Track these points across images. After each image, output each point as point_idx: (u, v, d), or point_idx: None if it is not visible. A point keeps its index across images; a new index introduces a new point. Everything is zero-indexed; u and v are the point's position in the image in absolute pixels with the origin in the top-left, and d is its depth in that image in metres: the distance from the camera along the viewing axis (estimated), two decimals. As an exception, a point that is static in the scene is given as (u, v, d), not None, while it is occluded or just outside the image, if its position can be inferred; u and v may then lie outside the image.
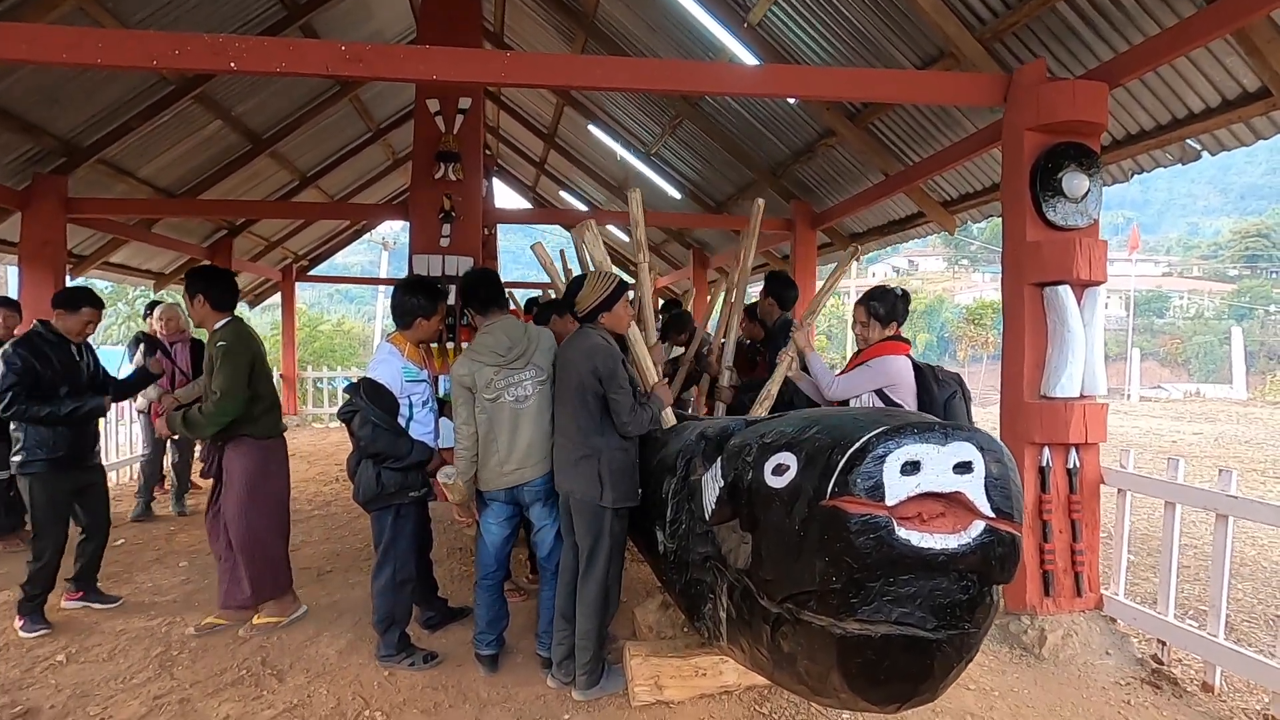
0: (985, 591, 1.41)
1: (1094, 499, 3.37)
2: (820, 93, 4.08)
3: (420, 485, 3.06)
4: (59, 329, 3.45)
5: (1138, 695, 2.85)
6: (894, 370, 3.01)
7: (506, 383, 2.86)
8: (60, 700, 2.76)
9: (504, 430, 2.85)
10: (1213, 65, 3.42)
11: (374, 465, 2.94)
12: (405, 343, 3.07)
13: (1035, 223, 3.33)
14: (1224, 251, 48.05)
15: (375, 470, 2.94)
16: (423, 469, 3.05)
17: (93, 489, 3.57)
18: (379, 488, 2.95)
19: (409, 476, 2.99)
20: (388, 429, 2.92)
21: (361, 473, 2.97)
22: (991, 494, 1.36)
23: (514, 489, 2.91)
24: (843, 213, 6.31)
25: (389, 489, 2.96)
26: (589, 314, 2.79)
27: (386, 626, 3.03)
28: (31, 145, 5.33)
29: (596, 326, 2.80)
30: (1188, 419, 13.16)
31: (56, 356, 3.39)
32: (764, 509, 1.64)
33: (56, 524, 3.39)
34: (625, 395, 2.66)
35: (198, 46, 2.93)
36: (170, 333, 5.34)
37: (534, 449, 2.86)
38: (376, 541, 3.06)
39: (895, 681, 1.43)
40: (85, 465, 3.50)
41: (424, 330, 3.10)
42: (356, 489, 3.01)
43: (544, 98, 9.07)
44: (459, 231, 5.65)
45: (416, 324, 3.07)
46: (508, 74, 3.24)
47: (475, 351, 2.91)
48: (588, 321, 2.81)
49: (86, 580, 3.66)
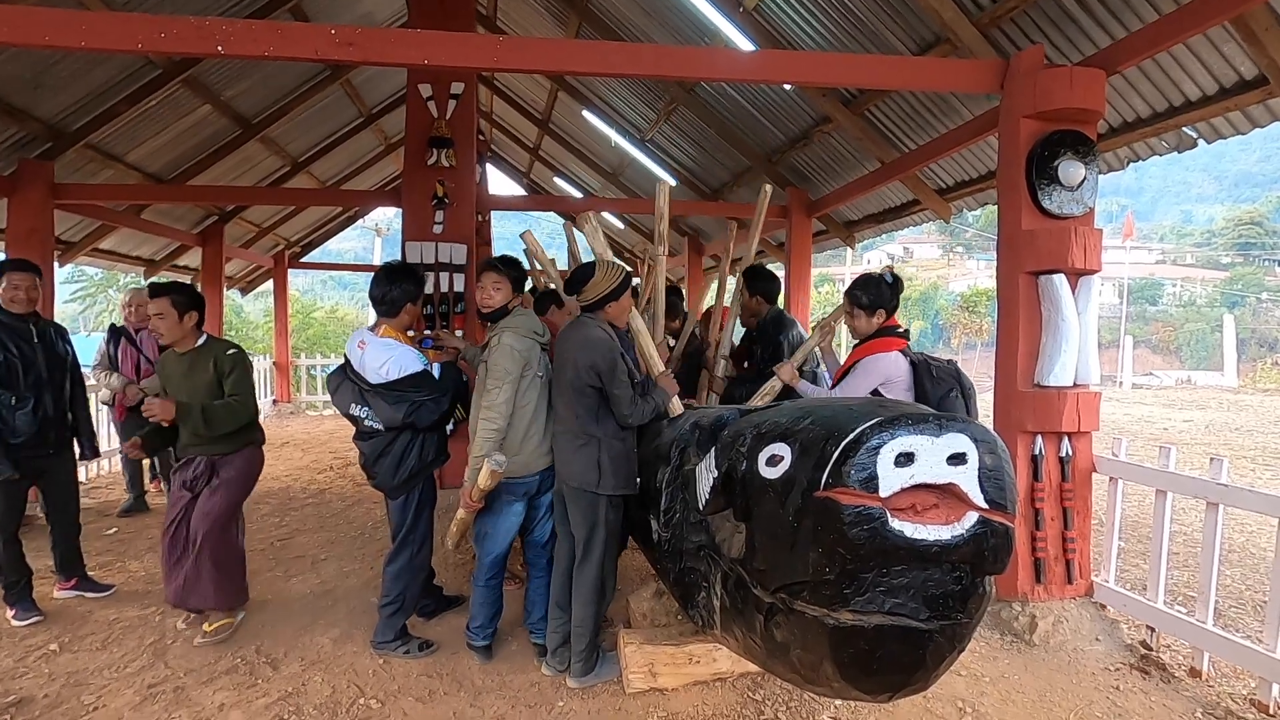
0: (978, 582, 1.41)
1: (1086, 487, 3.39)
2: (816, 79, 4.05)
3: (441, 453, 3.08)
4: (1, 305, 3.29)
5: (1126, 680, 2.89)
6: (884, 368, 2.92)
7: (546, 362, 2.93)
8: (54, 689, 2.75)
9: (545, 410, 2.89)
10: (1211, 53, 3.40)
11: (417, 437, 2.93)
12: (397, 333, 3.01)
13: (1031, 211, 3.32)
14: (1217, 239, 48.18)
15: (414, 444, 2.92)
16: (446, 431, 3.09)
17: (52, 476, 3.45)
18: (420, 462, 2.94)
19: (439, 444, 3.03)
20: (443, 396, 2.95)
21: (391, 455, 2.92)
22: (985, 485, 1.36)
23: (541, 474, 2.90)
24: (838, 200, 6.28)
25: (427, 460, 2.96)
26: (595, 303, 2.76)
27: (393, 611, 3.01)
28: (16, 130, 5.24)
29: (597, 317, 2.78)
30: (1179, 406, 13.24)
31: (13, 341, 3.26)
32: (758, 499, 1.64)
33: (3, 509, 3.28)
34: (625, 389, 2.65)
35: (184, 29, 2.88)
36: (139, 319, 4.95)
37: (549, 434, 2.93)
38: (397, 526, 3.02)
39: (888, 672, 1.44)
40: (42, 454, 3.34)
41: (411, 316, 3.06)
42: (388, 473, 2.93)
43: (538, 83, 8.99)
44: (452, 218, 5.60)
45: (405, 310, 3.01)
46: (501, 59, 3.19)
47: (526, 331, 2.89)
48: (591, 311, 2.79)
49: (74, 568, 3.62)
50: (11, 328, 3.29)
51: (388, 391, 2.87)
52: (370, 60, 3.13)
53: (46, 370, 3.35)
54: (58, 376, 3.42)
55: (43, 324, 3.44)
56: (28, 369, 3.28)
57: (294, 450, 7.99)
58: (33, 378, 3.30)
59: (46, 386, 3.34)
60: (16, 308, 3.31)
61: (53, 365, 3.39)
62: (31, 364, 3.30)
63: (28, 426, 3.25)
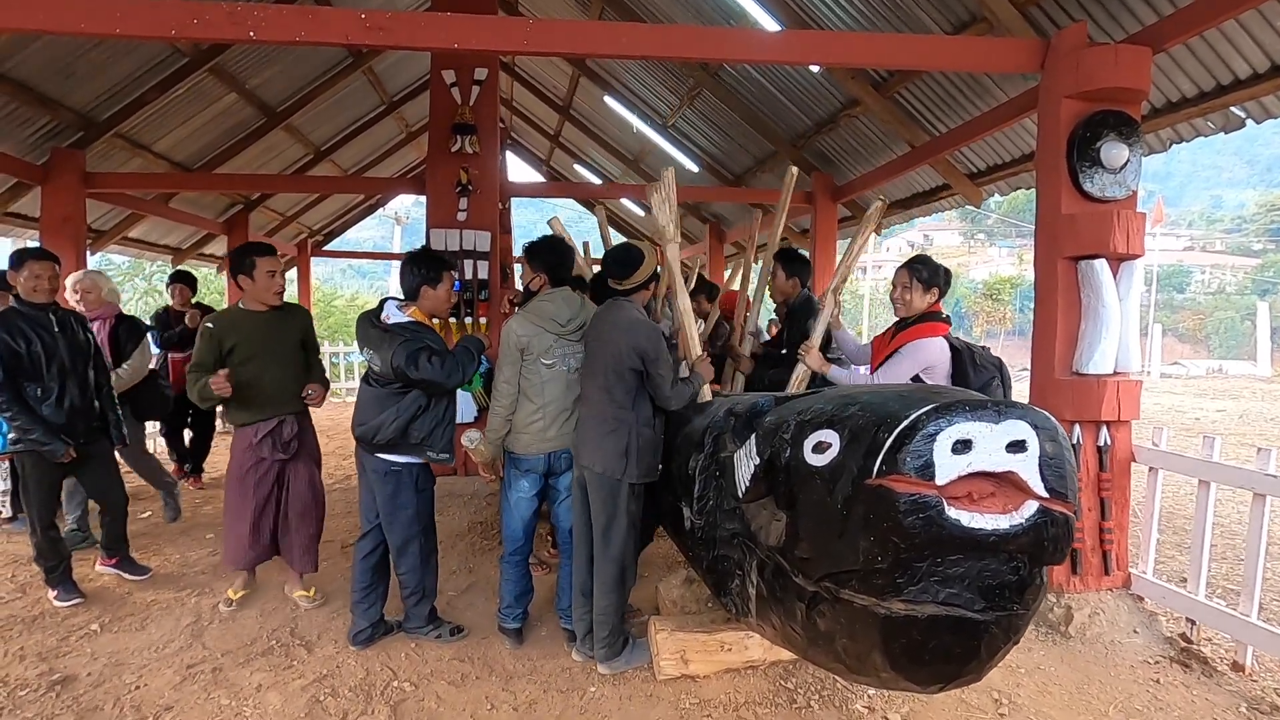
0: (1035, 573, 1.38)
1: (1124, 477, 3.32)
2: (845, 60, 3.97)
3: (443, 447, 2.92)
4: (22, 296, 3.26)
5: (1166, 674, 2.83)
6: (930, 354, 2.86)
7: (564, 352, 2.88)
8: (96, 668, 2.81)
9: (557, 398, 2.88)
10: (1263, 28, 3.28)
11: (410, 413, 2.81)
12: (423, 316, 2.96)
13: (1071, 194, 3.23)
14: (1249, 225, 46.90)
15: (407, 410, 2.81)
16: (451, 424, 2.95)
17: (88, 466, 3.44)
18: (404, 435, 2.82)
19: (435, 432, 2.88)
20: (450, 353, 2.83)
21: (387, 416, 2.82)
22: (1046, 474, 1.32)
23: (550, 455, 2.91)
24: (865, 185, 6.18)
25: (413, 438, 2.84)
26: (636, 287, 2.77)
27: (418, 599, 3.02)
28: (49, 119, 5.30)
29: (633, 300, 2.78)
30: (1210, 396, 12.98)
31: (35, 331, 3.21)
32: (803, 487, 1.61)
33: (41, 499, 3.31)
34: (669, 371, 2.64)
35: (217, 15, 2.87)
36: (90, 306, 4.24)
37: (571, 418, 2.90)
38: (388, 517, 2.92)
39: (940, 662, 1.41)
40: (79, 442, 3.32)
41: (433, 301, 2.97)
42: (374, 431, 2.83)
43: (559, 69, 8.92)
44: (476, 205, 5.58)
45: (423, 293, 2.94)
46: (529, 42, 3.16)
47: (536, 316, 2.88)
48: (628, 294, 2.78)
49: (117, 548, 3.68)
50: (33, 318, 3.25)
51: (400, 331, 2.83)
52: (400, 44, 3.12)
53: (69, 360, 3.31)
54: (80, 366, 3.37)
55: (62, 313, 3.38)
56: (50, 359, 3.25)
57: (319, 437, 8.06)
58: (55, 368, 3.26)
59: (70, 376, 3.30)
60: (39, 297, 3.26)
61: (75, 355, 3.34)
62: (54, 354, 3.27)
63: (55, 417, 3.24)
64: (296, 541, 3.34)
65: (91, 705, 2.56)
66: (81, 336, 3.43)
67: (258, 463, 3.24)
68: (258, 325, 3.21)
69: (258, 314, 3.23)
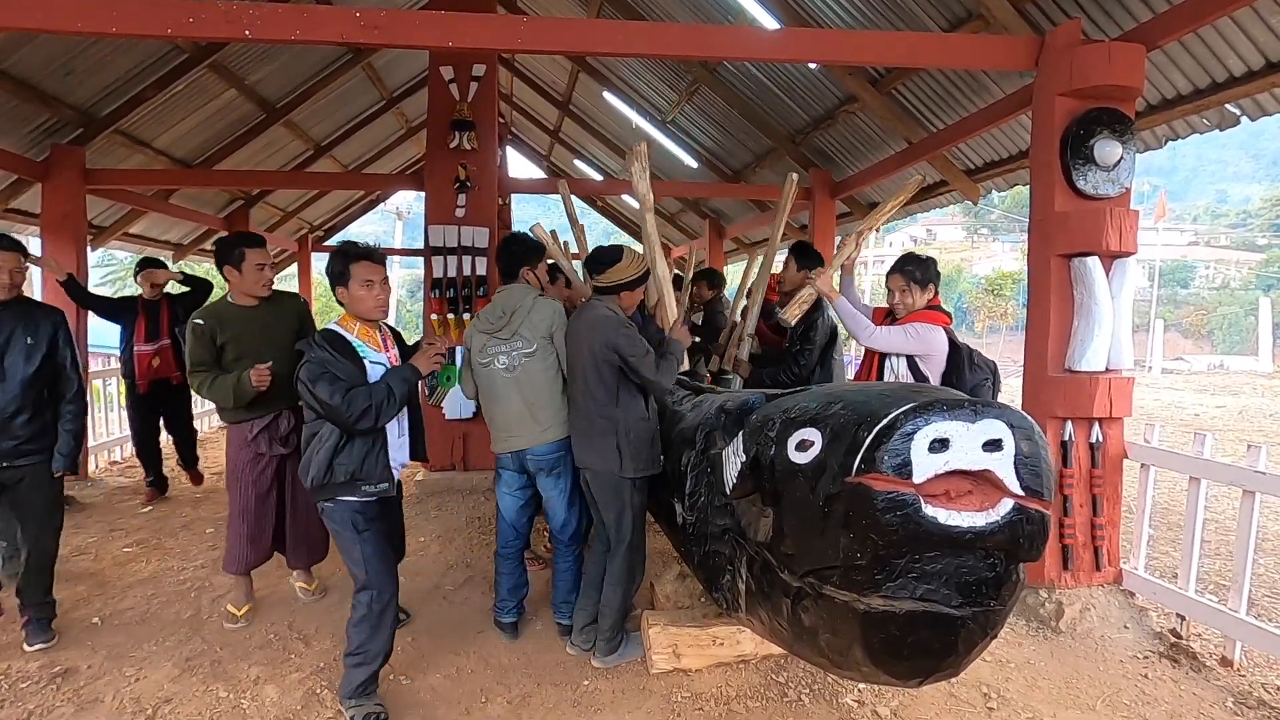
0: (1011, 569, 1.40)
1: (1116, 474, 3.34)
2: (843, 57, 3.96)
3: (379, 477, 2.44)
4: None
5: (1155, 669, 2.86)
6: (933, 341, 2.99)
7: (495, 351, 2.89)
8: (96, 661, 2.85)
9: (493, 397, 2.93)
10: (1257, 26, 3.27)
11: (331, 444, 2.37)
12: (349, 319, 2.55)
13: (1064, 192, 3.24)
14: (1254, 220, 46.72)
15: (328, 453, 2.38)
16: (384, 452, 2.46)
17: (13, 491, 2.84)
18: (327, 474, 2.38)
19: (366, 462, 2.41)
20: (358, 385, 2.36)
21: (311, 450, 2.41)
22: (1021, 472, 1.34)
23: (520, 456, 2.93)
24: (863, 181, 6.18)
25: (339, 477, 2.39)
26: (612, 288, 2.78)
27: (357, 662, 2.46)
28: (48, 116, 5.32)
29: (608, 300, 2.79)
30: (1211, 392, 12.97)
31: None
32: (787, 484, 1.64)
33: None
34: (644, 354, 2.63)
35: (213, 14, 2.89)
36: None
37: (524, 419, 2.87)
38: (346, 556, 2.50)
39: (918, 657, 1.44)
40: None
41: (351, 302, 2.50)
42: (304, 469, 2.43)
43: (559, 64, 8.92)
44: (474, 201, 5.60)
45: (338, 293, 2.52)
46: (525, 40, 3.17)
47: (477, 318, 3.00)
48: (604, 294, 2.80)
49: (32, 603, 2.96)
50: None
51: (309, 346, 2.44)
52: (394, 43, 3.14)
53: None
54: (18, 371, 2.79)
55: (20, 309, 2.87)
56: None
57: (320, 432, 8.11)
58: None
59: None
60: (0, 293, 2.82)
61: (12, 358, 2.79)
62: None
63: None
64: (303, 538, 3.29)
65: (92, 697, 2.60)
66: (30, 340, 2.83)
67: (255, 459, 3.13)
68: (248, 320, 3.07)
69: (248, 308, 3.09)
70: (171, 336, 4.97)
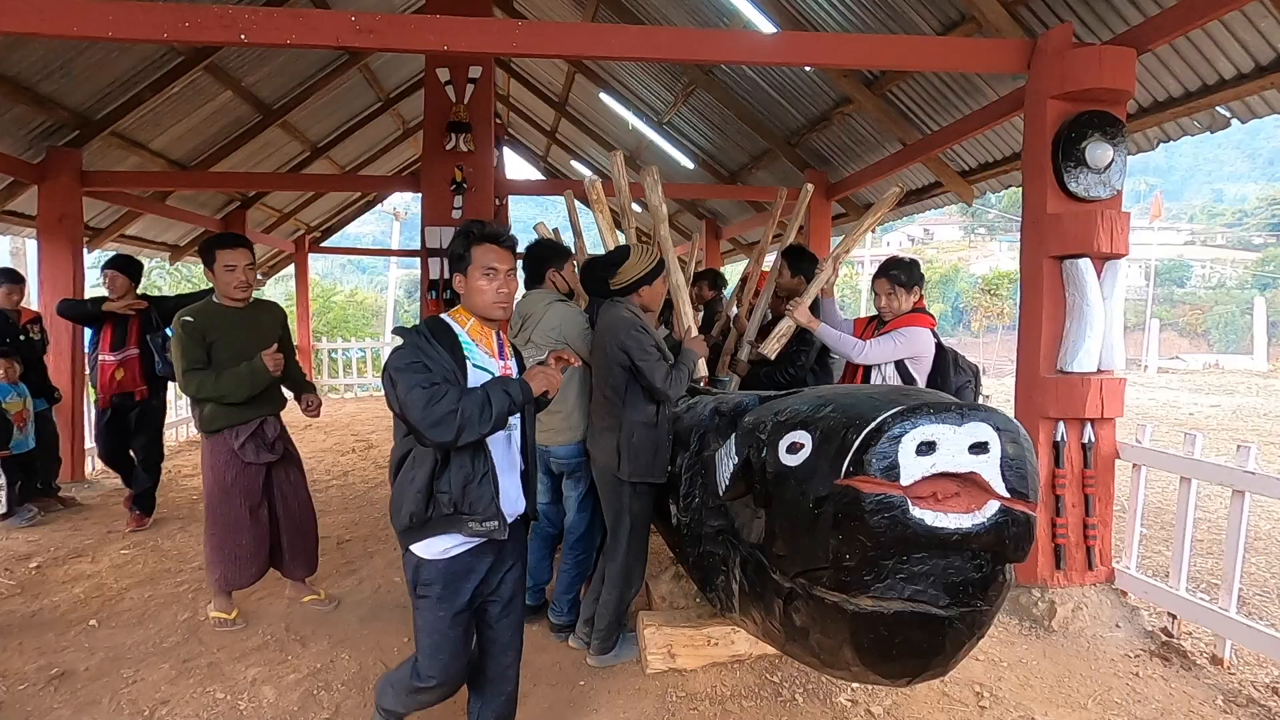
0: (998, 570, 1.42)
1: (1108, 474, 3.36)
2: (839, 61, 3.99)
3: (486, 512, 1.87)
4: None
5: (1146, 667, 2.88)
6: (921, 343, 3.04)
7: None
8: (94, 663, 2.86)
9: None
10: (1246, 29, 3.30)
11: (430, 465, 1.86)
12: (463, 313, 2.06)
13: (1056, 194, 3.26)
14: (1250, 219, 46.85)
15: (427, 477, 1.86)
16: (490, 482, 1.88)
17: None
18: (429, 506, 1.87)
19: (469, 490, 1.86)
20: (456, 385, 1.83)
21: (404, 476, 1.90)
22: (1007, 474, 1.36)
23: (545, 454, 2.99)
24: (859, 183, 6.21)
25: (443, 508, 1.87)
26: (628, 287, 2.78)
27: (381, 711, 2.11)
28: (45, 118, 5.33)
29: (628, 300, 2.80)
30: (1206, 391, 13.02)
31: None
32: (778, 486, 1.66)
33: None
34: (657, 362, 2.63)
35: (208, 18, 2.90)
36: None
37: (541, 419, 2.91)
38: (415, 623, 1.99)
39: (907, 657, 1.46)
40: None
41: (469, 293, 2.01)
42: (395, 503, 1.93)
43: (555, 65, 8.93)
44: (471, 203, 5.62)
45: (456, 281, 2.06)
46: (521, 44, 3.19)
47: None
48: (623, 294, 2.81)
49: None
50: None
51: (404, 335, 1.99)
52: (390, 47, 3.15)
53: None
54: None
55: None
56: None
57: (316, 433, 8.13)
58: None
59: None
60: None
61: None
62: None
63: None
64: (300, 549, 3.25)
65: (89, 699, 2.61)
66: None
67: (243, 469, 3.02)
68: (234, 321, 3.02)
69: (233, 310, 3.03)
70: (141, 345, 4.29)
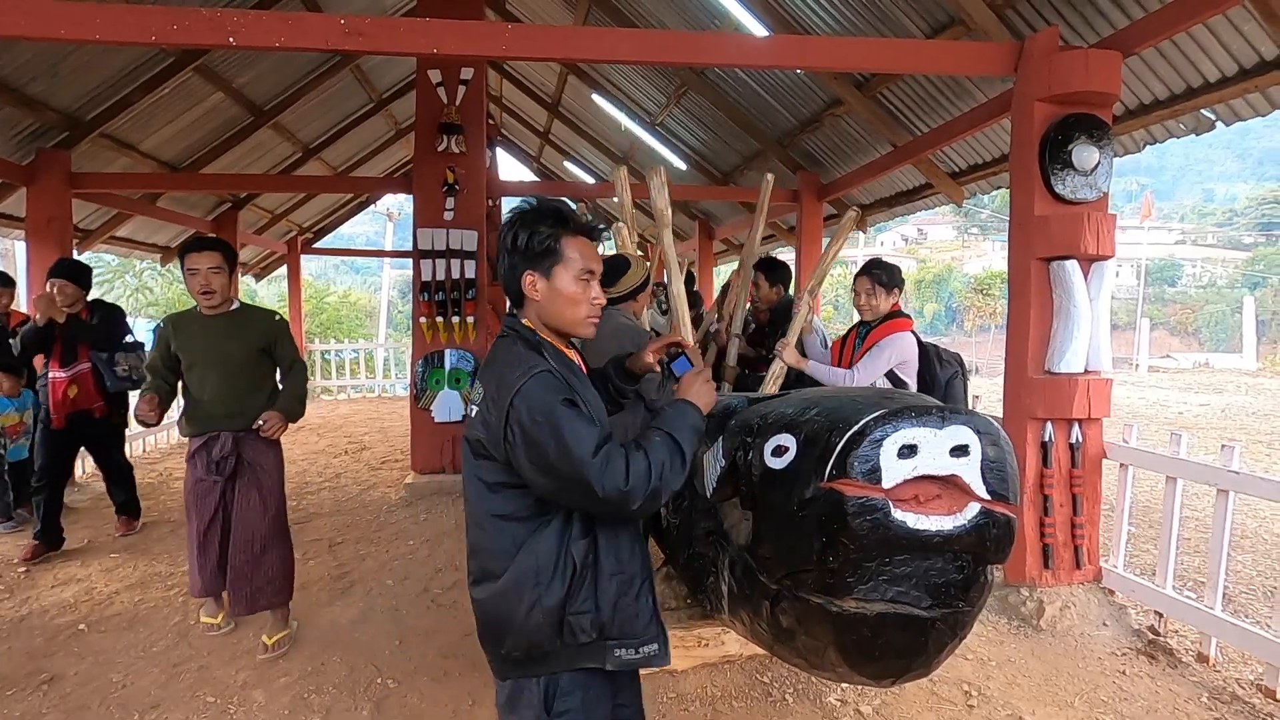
0: (980, 571, 1.43)
1: (1096, 474, 3.39)
2: (830, 64, 4.00)
3: (645, 631, 1.50)
4: None
5: (1133, 665, 2.91)
6: (904, 349, 3.07)
7: None
8: (83, 667, 2.85)
9: None
10: (1230, 33, 3.33)
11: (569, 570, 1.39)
12: (539, 329, 1.54)
13: (1043, 196, 3.29)
14: (1240, 218, 47.27)
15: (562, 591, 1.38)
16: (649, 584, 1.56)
17: None
18: (560, 633, 1.39)
19: (622, 603, 1.46)
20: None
21: (510, 582, 1.40)
22: (987, 476, 1.37)
23: None
24: (850, 184, 6.24)
25: (583, 634, 1.40)
26: (628, 295, 2.84)
27: None
28: (33, 120, 5.30)
29: (625, 308, 2.85)
30: (1195, 390, 13.11)
31: None
32: (763, 489, 1.66)
33: None
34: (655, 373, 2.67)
35: (196, 21, 2.90)
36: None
37: None
38: None
39: (890, 658, 1.47)
40: None
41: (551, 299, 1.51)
42: (494, 628, 1.45)
43: (548, 67, 8.93)
44: (463, 204, 5.62)
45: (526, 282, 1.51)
46: (511, 47, 3.20)
47: None
48: (621, 301, 2.85)
49: None
50: None
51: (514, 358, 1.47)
52: (380, 50, 3.15)
53: None
54: None
55: None
56: None
57: (309, 434, 8.11)
58: None
59: None
60: None
61: None
62: None
63: None
64: (245, 577, 2.90)
65: (79, 704, 2.60)
66: None
67: (196, 483, 2.93)
68: (200, 330, 2.87)
69: (205, 318, 2.87)
70: (92, 360, 4.09)
